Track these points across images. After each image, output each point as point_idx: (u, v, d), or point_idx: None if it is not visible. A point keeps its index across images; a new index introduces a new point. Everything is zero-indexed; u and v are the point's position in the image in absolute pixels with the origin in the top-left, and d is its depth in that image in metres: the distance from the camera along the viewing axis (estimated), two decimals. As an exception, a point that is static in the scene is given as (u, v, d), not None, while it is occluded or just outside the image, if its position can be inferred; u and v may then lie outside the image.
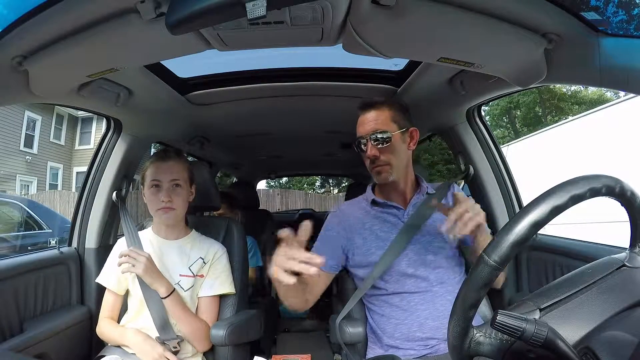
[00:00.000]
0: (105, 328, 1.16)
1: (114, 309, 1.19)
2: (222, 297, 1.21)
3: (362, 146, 1.09)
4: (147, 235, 1.23)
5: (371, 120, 1.08)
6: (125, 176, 1.51)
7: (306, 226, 0.78)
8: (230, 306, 1.23)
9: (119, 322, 1.19)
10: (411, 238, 1.06)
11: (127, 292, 1.20)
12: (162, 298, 1.06)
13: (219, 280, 1.19)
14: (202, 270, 1.18)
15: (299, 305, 1.02)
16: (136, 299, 1.15)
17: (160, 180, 1.12)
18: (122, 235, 1.26)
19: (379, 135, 1.05)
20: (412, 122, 1.13)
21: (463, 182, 1.44)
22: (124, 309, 1.21)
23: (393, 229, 1.10)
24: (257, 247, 2.22)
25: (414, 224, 1.07)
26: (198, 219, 1.39)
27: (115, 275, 1.18)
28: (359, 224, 1.13)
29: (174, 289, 1.09)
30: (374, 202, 1.14)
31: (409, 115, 1.13)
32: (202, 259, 1.19)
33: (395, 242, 1.06)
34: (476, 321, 0.52)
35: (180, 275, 1.16)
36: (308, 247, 0.90)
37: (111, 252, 1.24)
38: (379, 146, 1.06)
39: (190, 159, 2.47)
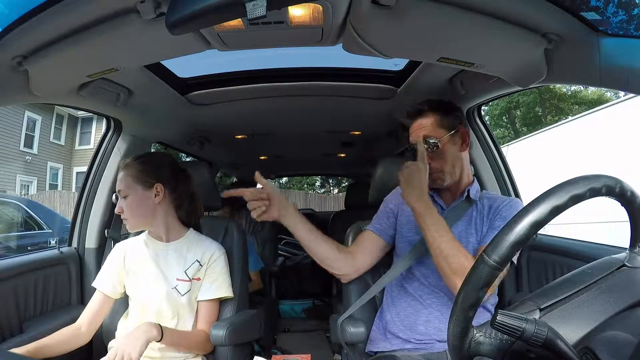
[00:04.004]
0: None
1: (98, 314, 1.14)
2: (222, 298, 1.20)
3: (412, 154, 1.09)
4: (142, 238, 1.21)
5: (418, 128, 1.07)
6: (125, 176, 1.51)
7: None
8: (231, 307, 1.22)
9: (116, 325, 1.17)
10: None
11: (124, 296, 1.18)
12: (159, 341, 1.00)
13: (216, 283, 1.16)
14: (198, 274, 1.15)
15: (332, 261, 1.09)
16: (137, 303, 1.14)
17: (117, 193, 1.13)
18: (124, 235, 1.25)
19: (427, 143, 1.04)
20: (463, 121, 1.10)
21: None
22: (121, 312, 1.19)
23: None
24: (252, 248, 2.18)
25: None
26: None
27: (110, 279, 1.16)
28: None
29: (161, 327, 1.01)
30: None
31: (459, 114, 1.10)
32: (199, 261, 1.16)
33: (423, 242, 1.05)
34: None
35: (177, 279, 1.13)
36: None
37: (108, 256, 1.22)
38: (429, 153, 1.04)
39: (190, 159, 2.48)
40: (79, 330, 1.11)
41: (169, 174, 1.16)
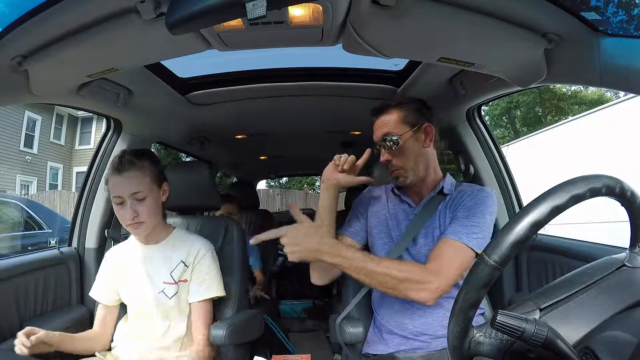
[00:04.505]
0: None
1: (106, 320, 1.16)
2: (221, 298, 1.19)
3: (377, 152, 1.09)
4: (130, 243, 1.19)
5: (381, 126, 1.07)
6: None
7: None
8: (231, 307, 1.22)
9: (115, 327, 1.18)
10: (412, 238, 1.05)
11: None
12: None
13: (205, 284, 1.13)
14: (184, 275, 1.12)
15: (322, 277, 1.08)
16: (132, 307, 1.14)
17: (121, 196, 1.03)
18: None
19: (388, 140, 1.04)
20: (429, 117, 1.08)
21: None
22: (120, 315, 1.19)
23: (400, 225, 1.09)
24: (253, 248, 2.18)
25: (417, 224, 1.06)
26: (198, 219, 1.39)
27: (106, 288, 1.16)
28: (379, 206, 1.15)
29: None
30: (393, 191, 1.15)
31: (425, 110, 1.08)
32: (183, 262, 1.12)
33: (401, 239, 1.06)
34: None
35: (163, 282, 1.10)
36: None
37: (102, 263, 1.21)
38: (390, 150, 1.05)
39: (190, 159, 2.48)
40: (95, 334, 1.14)
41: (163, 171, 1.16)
